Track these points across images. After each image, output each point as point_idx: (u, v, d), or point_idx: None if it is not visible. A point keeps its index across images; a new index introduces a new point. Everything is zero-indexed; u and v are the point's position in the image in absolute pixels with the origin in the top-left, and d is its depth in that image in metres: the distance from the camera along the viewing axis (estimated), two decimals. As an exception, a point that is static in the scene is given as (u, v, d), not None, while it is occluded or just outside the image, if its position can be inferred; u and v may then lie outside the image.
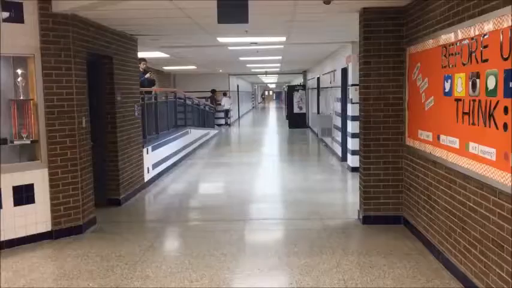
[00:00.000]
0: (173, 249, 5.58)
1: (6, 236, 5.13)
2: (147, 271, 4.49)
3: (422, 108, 4.95)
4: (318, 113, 16.18)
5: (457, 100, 3.99)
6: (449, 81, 4.18)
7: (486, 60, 3.46)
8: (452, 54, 4.11)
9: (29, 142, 5.37)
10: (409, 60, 5.41)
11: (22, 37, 5.18)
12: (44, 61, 5.32)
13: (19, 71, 5.35)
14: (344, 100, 10.59)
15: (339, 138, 11.23)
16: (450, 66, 4.15)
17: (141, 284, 4.19)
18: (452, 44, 4.10)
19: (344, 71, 10.47)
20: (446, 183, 4.35)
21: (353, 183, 8.33)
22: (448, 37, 4.21)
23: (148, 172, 8.67)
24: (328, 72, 13.63)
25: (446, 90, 4.24)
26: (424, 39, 4.86)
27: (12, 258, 4.88)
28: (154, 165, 9.18)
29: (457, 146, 4.04)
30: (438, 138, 4.49)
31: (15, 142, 5.34)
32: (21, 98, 5.37)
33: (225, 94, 23.44)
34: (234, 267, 4.57)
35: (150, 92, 10.03)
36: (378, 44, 5.68)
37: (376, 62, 5.70)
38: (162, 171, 9.67)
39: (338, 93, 11.37)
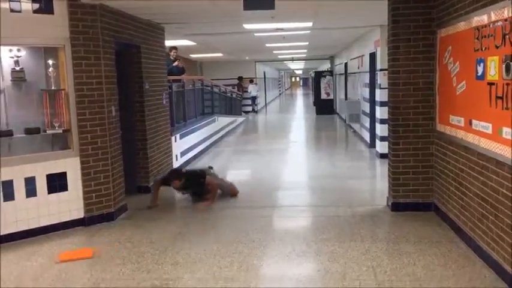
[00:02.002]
0: (202, 235, 5.63)
1: (41, 222, 5.29)
2: (176, 257, 4.57)
3: (453, 93, 4.83)
4: (346, 99, 16.00)
5: (490, 84, 3.88)
6: (481, 64, 4.06)
7: (521, 42, 3.35)
8: (485, 37, 3.99)
9: (61, 131, 5.50)
10: (440, 44, 5.28)
11: (52, 28, 5.28)
12: (73, 51, 5.41)
13: (50, 62, 5.47)
14: (372, 85, 10.44)
15: (367, 124, 11.10)
16: (483, 49, 4.03)
17: (171, 269, 4.27)
18: (485, 26, 3.97)
19: (372, 56, 10.30)
20: (478, 169, 4.26)
21: (381, 170, 8.24)
22: (480, 19, 4.08)
23: (176, 160, 8.77)
24: (356, 57, 13.44)
25: (479, 74, 4.13)
26: (455, 22, 4.72)
27: (48, 244, 5.03)
28: (183, 153, 9.27)
29: (489, 131, 3.93)
30: (470, 123, 4.38)
31: (48, 131, 5.49)
32: (53, 88, 5.49)
33: (251, 81, 23.41)
34: (262, 254, 4.60)
35: (179, 80, 10.10)
36: (407, 28, 5.56)
37: (405, 46, 5.58)
38: (190, 158, 9.77)
39: (366, 79, 11.21)
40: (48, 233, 5.31)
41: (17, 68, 5.30)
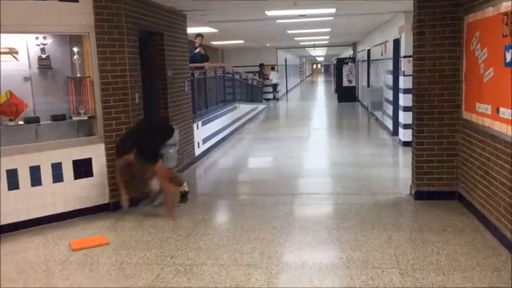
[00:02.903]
0: (224, 222, 5.70)
1: (67, 207, 5.40)
2: (199, 243, 4.62)
3: (480, 80, 4.73)
4: (368, 86, 15.82)
5: (519, 71, 3.79)
6: (510, 51, 3.96)
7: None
8: (514, 22, 3.89)
9: (86, 118, 5.59)
10: (467, 30, 5.16)
11: (77, 16, 5.33)
12: (98, 39, 5.46)
13: (75, 49, 5.54)
14: (396, 72, 10.29)
15: (390, 112, 10.97)
16: (512, 35, 3.93)
17: (194, 255, 4.33)
18: (515, 11, 3.87)
19: (396, 42, 10.14)
20: (505, 158, 4.18)
21: (404, 158, 8.15)
22: (509, 4, 3.97)
23: (198, 147, 8.82)
24: (379, 44, 13.24)
25: (508, 60, 4.03)
26: (483, 7, 4.61)
27: (74, 229, 5.14)
28: (205, 140, 9.33)
29: (518, 119, 3.85)
30: (497, 111, 4.29)
31: (74, 118, 5.58)
32: (78, 75, 5.56)
33: (273, 68, 23.30)
34: (284, 241, 4.62)
35: (201, 68, 10.12)
36: (433, 13, 5.44)
37: (431, 32, 5.48)
38: (211, 145, 9.82)
39: (389, 66, 11.05)
40: (74, 217, 5.42)
41: (43, 56, 5.38)
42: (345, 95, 20.68)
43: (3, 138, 4.99)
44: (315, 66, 76.70)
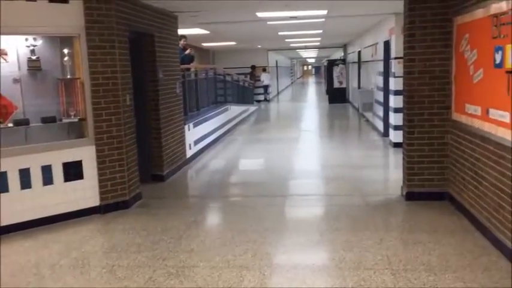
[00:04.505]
0: (216, 224, 5.68)
1: (58, 210, 5.35)
2: (191, 245, 4.61)
3: (470, 81, 4.77)
4: (359, 87, 15.89)
5: (509, 72, 3.82)
6: (500, 52, 4.00)
7: (541, 30, 3.29)
8: (503, 24, 3.92)
9: (76, 120, 5.55)
10: (457, 32, 5.20)
11: (67, 17, 5.30)
12: (88, 40, 5.43)
13: (65, 51, 5.50)
14: (386, 74, 10.35)
15: (381, 113, 11.02)
16: (501, 36, 3.97)
17: (186, 257, 4.31)
18: (504, 13, 3.90)
19: (387, 44, 10.20)
20: (495, 158, 4.21)
21: (395, 159, 8.20)
22: (499, 6, 4.01)
23: (190, 148, 8.80)
24: (369, 46, 13.31)
25: (497, 62, 4.07)
26: (473, 9, 4.65)
27: (64, 232, 5.10)
28: (196, 142, 9.31)
29: (507, 120, 3.88)
30: (487, 112, 4.33)
31: (64, 120, 5.54)
32: (68, 77, 5.53)
33: (264, 70, 23.33)
34: (276, 243, 4.62)
35: (189, 69, 10.10)
36: (423, 15, 5.48)
37: (421, 33, 5.51)
38: (203, 147, 9.80)
39: (380, 67, 11.11)
40: (64, 220, 5.37)
41: (33, 57, 5.33)
42: (336, 96, 20.75)
43: (-7, 141, 4.94)
44: (306, 67, 76.88)
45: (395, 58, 8.99)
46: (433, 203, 5.56)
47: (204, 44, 18.08)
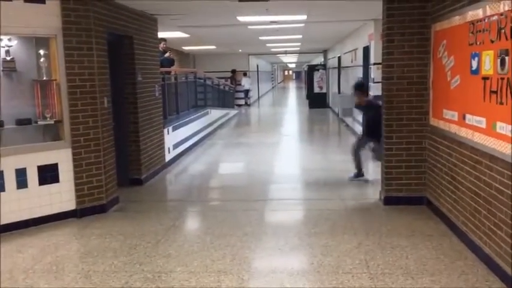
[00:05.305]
0: (194, 228, 5.63)
1: (33, 214, 5.24)
2: (169, 250, 4.55)
3: (447, 87, 4.84)
4: (339, 92, 16.01)
5: (485, 78, 3.88)
6: (476, 59, 4.06)
7: (516, 37, 3.35)
8: (480, 31, 3.98)
9: (52, 122, 5.44)
10: (434, 38, 5.27)
11: (44, 17, 5.20)
12: (65, 41, 5.34)
13: (41, 52, 5.39)
14: (366, 79, 10.44)
15: (360, 118, 11.10)
16: (478, 43, 4.03)
17: (163, 262, 4.25)
18: (480, 21, 3.97)
19: (366, 50, 10.30)
20: (471, 163, 4.27)
21: (374, 164, 8.25)
22: (475, 13, 4.08)
23: (169, 152, 8.73)
24: (349, 51, 13.43)
25: (473, 68, 4.13)
26: (450, 16, 4.72)
27: (39, 236, 4.99)
28: (175, 145, 9.23)
29: (483, 125, 3.94)
30: (464, 117, 4.39)
31: (39, 122, 5.42)
32: (44, 78, 5.42)
33: (245, 74, 23.35)
34: (255, 247, 4.59)
35: (169, 72, 10.04)
36: (401, 21, 5.54)
37: (399, 39, 5.57)
38: (182, 151, 9.73)
39: (359, 73, 11.22)
40: (39, 224, 5.26)
41: (8, 58, 5.21)
42: (316, 101, 20.86)
43: (-35, 143, 4.81)
44: (286, 72, 77.24)
45: (375, 64, 9.09)
46: (411, 208, 5.61)
47: (185, 48, 18.01)
